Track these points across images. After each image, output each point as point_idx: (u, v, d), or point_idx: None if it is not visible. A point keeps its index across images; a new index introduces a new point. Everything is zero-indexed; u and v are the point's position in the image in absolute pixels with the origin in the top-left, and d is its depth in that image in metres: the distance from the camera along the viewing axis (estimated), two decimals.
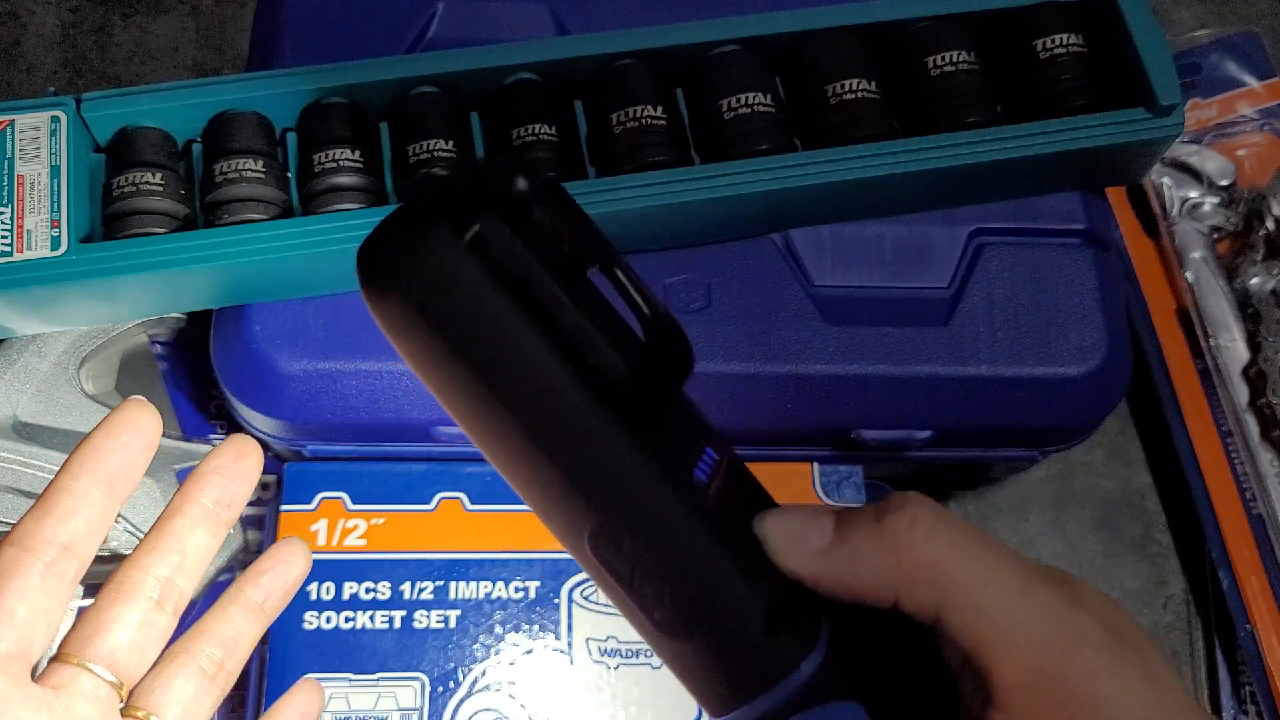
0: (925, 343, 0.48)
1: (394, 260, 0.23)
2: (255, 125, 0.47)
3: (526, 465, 0.24)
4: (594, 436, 0.23)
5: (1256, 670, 0.54)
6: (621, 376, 0.23)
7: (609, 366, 0.23)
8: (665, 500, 0.23)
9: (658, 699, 0.48)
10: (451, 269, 0.22)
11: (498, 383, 0.23)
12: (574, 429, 0.23)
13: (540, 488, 0.24)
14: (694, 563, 0.24)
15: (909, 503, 0.25)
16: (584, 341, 0.22)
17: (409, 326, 0.23)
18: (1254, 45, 0.64)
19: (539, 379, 0.23)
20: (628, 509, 0.23)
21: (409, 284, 0.23)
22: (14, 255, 0.44)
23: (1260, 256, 0.59)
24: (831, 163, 0.46)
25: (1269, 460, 0.56)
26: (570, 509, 0.24)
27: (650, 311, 0.23)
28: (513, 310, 0.22)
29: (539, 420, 0.23)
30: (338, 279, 0.47)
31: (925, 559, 0.24)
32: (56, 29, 0.65)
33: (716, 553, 0.24)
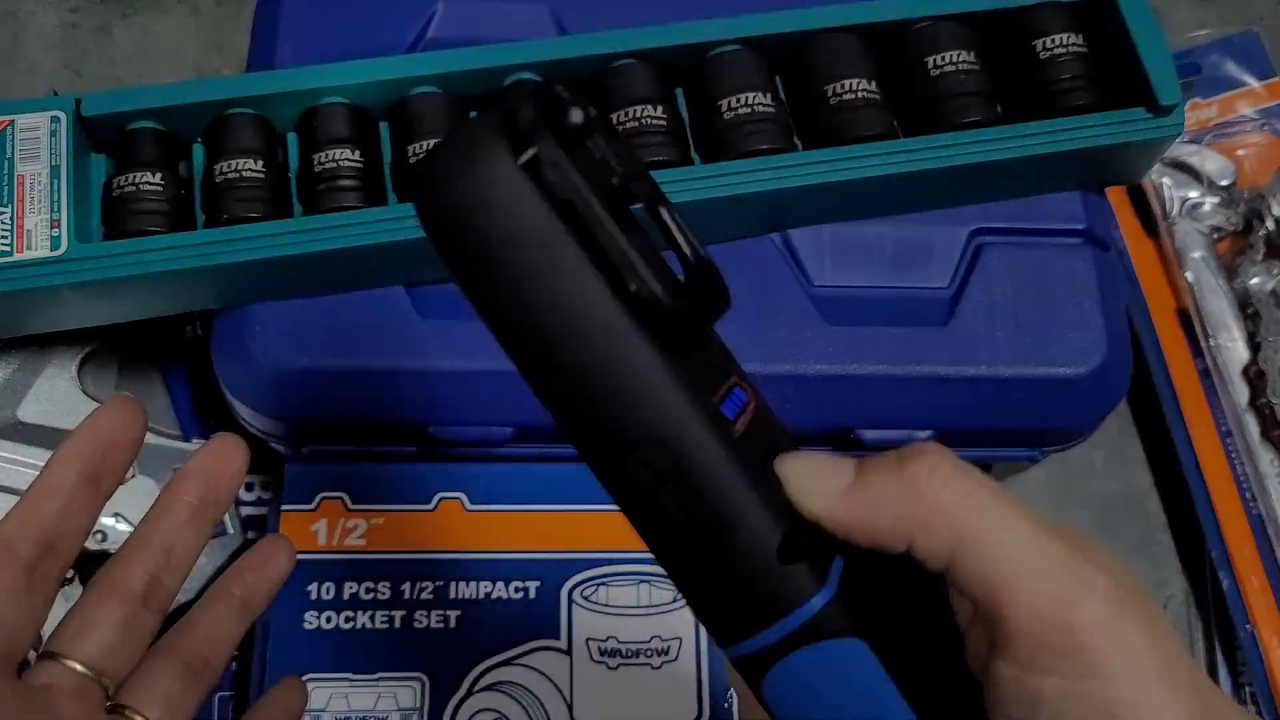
0: (925, 343, 0.48)
1: (450, 172, 0.24)
2: (255, 125, 0.47)
3: (560, 380, 0.25)
4: (630, 356, 0.24)
5: (1256, 670, 0.54)
6: (659, 303, 0.24)
7: (648, 292, 0.24)
8: (694, 421, 0.25)
9: (658, 699, 0.48)
10: (506, 185, 0.24)
11: (538, 298, 0.24)
12: (611, 348, 0.24)
13: (572, 404, 0.25)
14: (717, 483, 0.25)
15: (929, 451, 0.25)
16: (626, 266, 0.24)
17: (458, 238, 0.24)
18: (1254, 45, 0.64)
19: (579, 297, 0.24)
20: (658, 426, 0.24)
21: (463, 197, 0.24)
22: (14, 255, 0.44)
23: (1260, 256, 0.59)
24: (831, 163, 0.46)
25: (1269, 460, 0.56)
26: (600, 425, 0.25)
27: (691, 251, 0.25)
28: (561, 230, 0.24)
29: (576, 338, 0.24)
30: (338, 279, 0.47)
31: (943, 502, 0.25)
32: (56, 29, 0.65)
33: (739, 477, 0.25)
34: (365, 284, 0.47)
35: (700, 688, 0.48)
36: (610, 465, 0.25)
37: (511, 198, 0.24)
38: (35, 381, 0.51)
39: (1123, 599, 0.24)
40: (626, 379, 0.24)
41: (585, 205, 0.24)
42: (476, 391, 0.47)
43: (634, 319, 0.24)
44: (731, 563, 0.25)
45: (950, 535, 0.25)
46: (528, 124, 0.24)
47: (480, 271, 0.24)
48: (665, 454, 0.25)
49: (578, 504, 0.50)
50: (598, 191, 0.24)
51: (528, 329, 0.25)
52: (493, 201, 0.24)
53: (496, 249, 0.24)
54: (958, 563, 0.25)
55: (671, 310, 0.24)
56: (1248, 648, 0.55)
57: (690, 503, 0.25)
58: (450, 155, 0.24)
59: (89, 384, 0.52)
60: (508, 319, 0.25)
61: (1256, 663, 0.54)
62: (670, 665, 0.48)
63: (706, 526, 0.25)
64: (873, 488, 0.25)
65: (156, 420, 0.54)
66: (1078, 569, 0.24)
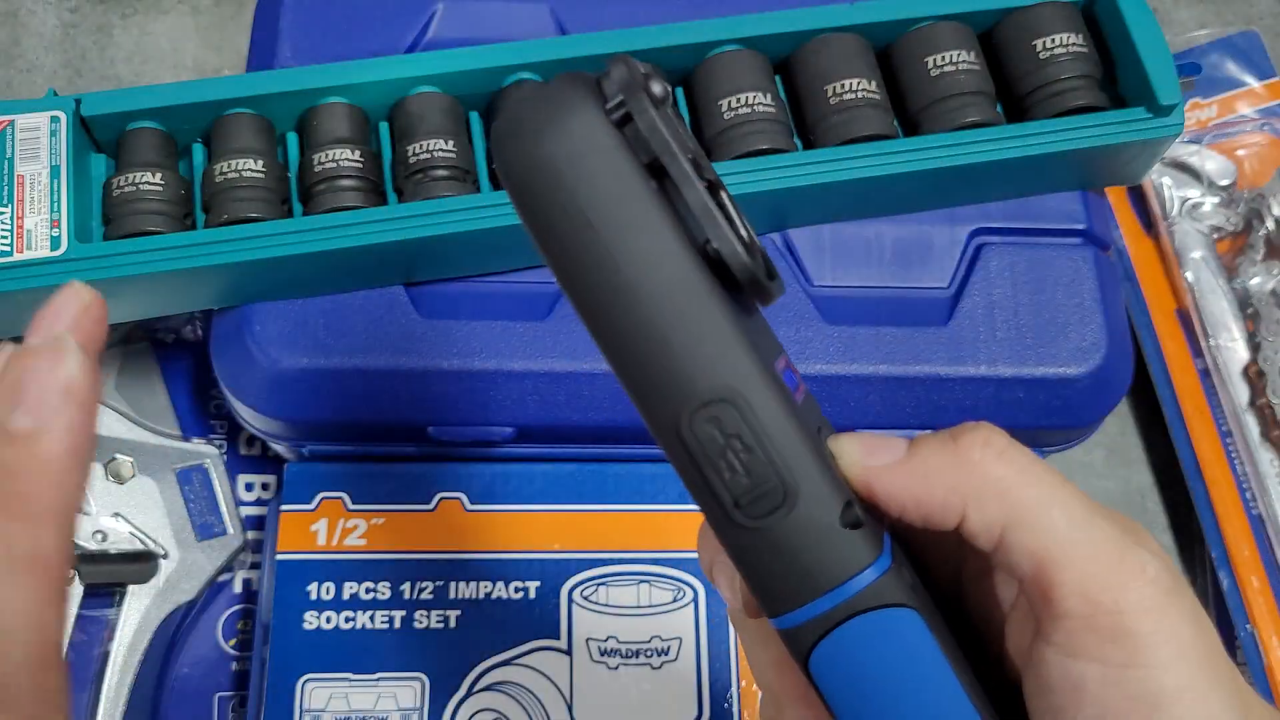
0: (925, 343, 0.48)
1: (541, 125, 0.24)
2: (255, 125, 0.47)
3: (634, 335, 0.25)
4: (708, 312, 0.25)
5: (1256, 670, 0.54)
6: (739, 262, 0.24)
7: (729, 250, 0.24)
8: (765, 381, 0.25)
9: (658, 699, 0.48)
10: (597, 139, 0.24)
11: (620, 252, 0.24)
12: (690, 303, 0.25)
13: (643, 358, 0.25)
14: (784, 444, 0.25)
15: (982, 427, 0.26)
16: (711, 223, 0.24)
17: (544, 191, 0.25)
18: (1254, 45, 0.64)
19: (661, 251, 0.24)
20: (731, 382, 0.25)
21: (552, 148, 0.24)
22: (14, 255, 0.44)
23: (1260, 256, 0.59)
24: (831, 163, 0.46)
25: (1269, 460, 0.56)
26: (673, 382, 0.25)
27: (749, 236, 0.25)
28: (648, 185, 0.24)
29: (656, 291, 0.24)
30: (338, 279, 0.47)
31: (996, 476, 0.25)
32: (56, 29, 0.65)
33: (803, 441, 0.25)
34: (365, 284, 0.47)
35: (700, 688, 0.48)
36: (675, 421, 0.25)
37: (601, 150, 0.24)
38: None
39: (1170, 586, 0.24)
40: (701, 334, 0.25)
41: (673, 162, 0.24)
42: (476, 391, 0.47)
43: (711, 276, 0.25)
44: (793, 526, 0.25)
45: (1002, 510, 0.24)
46: (619, 82, 0.24)
47: (562, 223, 0.25)
48: (735, 412, 0.25)
49: (578, 504, 0.50)
50: (682, 152, 0.24)
51: (607, 283, 0.25)
52: (582, 154, 0.24)
53: (582, 201, 0.24)
54: (1008, 538, 0.24)
55: (748, 269, 0.25)
56: (1248, 648, 0.55)
57: (755, 463, 0.25)
58: (540, 109, 0.25)
59: None
60: (585, 270, 0.25)
61: (1256, 663, 0.54)
62: (670, 665, 0.48)
63: (770, 488, 0.25)
64: (926, 461, 0.25)
65: (156, 420, 0.54)
66: (1129, 551, 0.24)
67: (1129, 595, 0.24)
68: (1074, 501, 0.25)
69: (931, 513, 0.25)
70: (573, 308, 0.25)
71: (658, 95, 0.25)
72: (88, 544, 0.50)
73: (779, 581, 0.26)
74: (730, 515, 0.25)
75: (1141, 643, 0.23)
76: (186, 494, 0.52)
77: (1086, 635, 0.24)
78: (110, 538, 0.50)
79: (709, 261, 0.25)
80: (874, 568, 0.25)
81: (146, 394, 0.54)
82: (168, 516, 0.51)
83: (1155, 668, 0.23)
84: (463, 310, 0.48)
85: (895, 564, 0.25)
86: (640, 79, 0.24)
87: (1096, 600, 0.24)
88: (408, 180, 0.46)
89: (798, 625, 0.26)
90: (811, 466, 0.25)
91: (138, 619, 0.50)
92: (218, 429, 0.56)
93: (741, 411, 0.25)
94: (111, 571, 0.50)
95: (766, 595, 0.26)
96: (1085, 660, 0.24)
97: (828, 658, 0.26)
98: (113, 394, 0.53)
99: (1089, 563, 0.24)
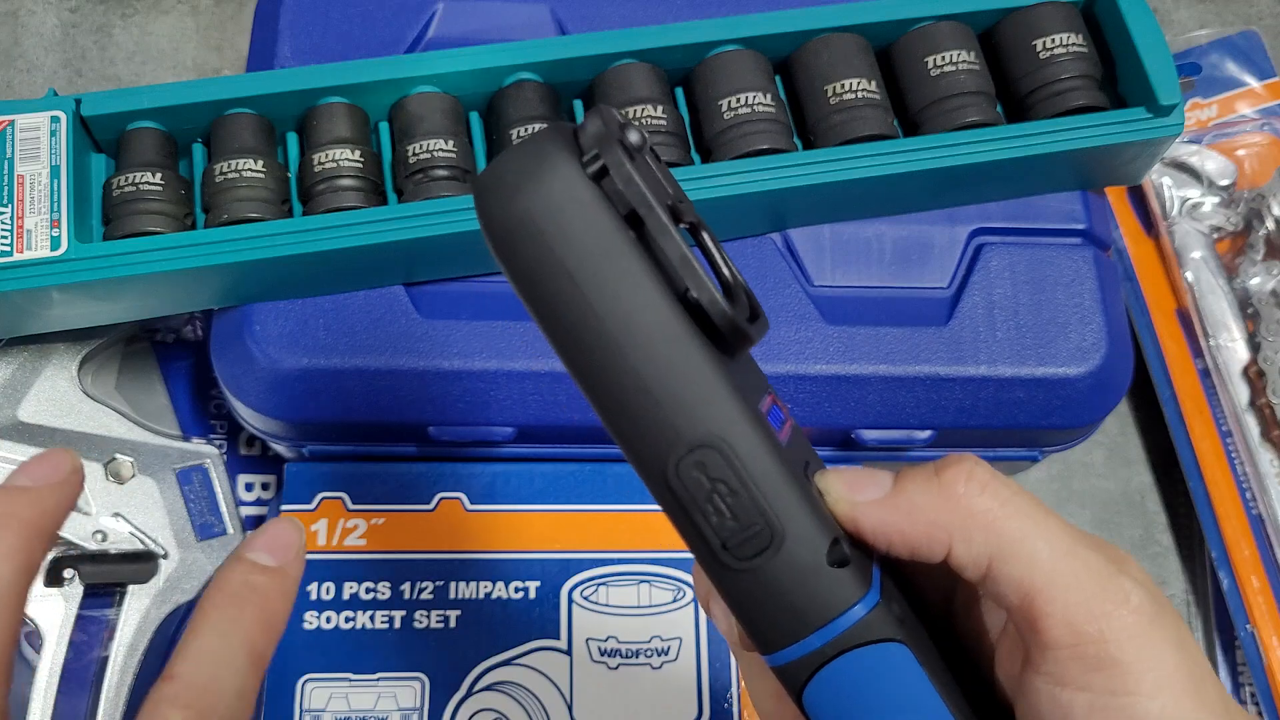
0: (925, 343, 0.48)
1: (519, 180, 0.25)
2: (255, 125, 0.47)
3: (617, 383, 0.25)
4: (689, 359, 0.25)
5: (1256, 670, 0.54)
6: (717, 309, 0.25)
7: (707, 298, 0.25)
8: (748, 425, 0.25)
9: (658, 699, 0.48)
10: (574, 193, 0.25)
11: (601, 302, 0.25)
12: (670, 351, 0.25)
13: (627, 405, 0.26)
14: (769, 487, 0.25)
15: (966, 459, 0.26)
16: (689, 272, 0.25)
17: (523, 245, 0.25)
18: (1254, 45, 0.64)
19: (640, 301, 0.25)
20: (714, 427, 0.25)
21: (530, 203, 0.25)
22: (14, 255, 0.44)
23: (1260, 256, 0.59)
24: (831, 163, 0.46)
25: (1269, 460, 0.56)
26: (659, 430, 0.25)
27: (729, 274, 0.26)
28: (625, 237, 0.25)
29: (637, 340, 0.25)
30: (338, 279, 0.47)
31: (980, 509, 0.25)
32: (56, 29, 0.65)
33: (789, 483, 0.25)
34: (365, 284, 0.47)
35: (700, 688, 0.48)
36: (662, 468, 0.26)
37: (578, 204, 0.25)
38: (35, 381, 0.51)
39: (1155, 613, 0.24)
40: (684, 382, 0.25)
41: (650, 214, 0.25)
42: (476, 391, 0.47)
43: (692, 324, 0.25)
44: (781, 567, 0.26)
45: (988, 542, 0.25)
46: (595, 136, 0.25)
47: (544, 276, 0.25)
48: (719, 457, 0.25)
49: (578, 504, 0.50)
50: (659, 203, 0.25)
51: (588, 334, 0.25)
52: (560, 208, 0.25)
53: (562, 254, 0.25)
54: (995, 570, 0.25)
55: (727, 317, 0.25)
56: (1248, 648, 0.55)
57: (741, 506, 0.25)
58: (519, 164, 0.25)
59: (89, 384, 0.52)
60: (568, 323, 0.25)
61: (1256, 663, 0.54)
62: (670, 665, 0.48)
63: (757, 531, 0.25)
64: (911, 495, 0.26)
65: (156, 420, 0.54)
66: (1112, 580, 0.24)
67: (1113, 624, 0.24)
68: (1058, 532, 0.25)
69: (918, 547, 0.26)
70: (558, 358, 0.26)
71: (634, 144, 0.25)
72: (88, 544, 0.50)
73: (769, 620, 0.26)
74: (719, 557, 0.26)
75: (1126, 671, 0.24)
76: (186, 494, 0.52)
77: (1073, 664, 0.24)
78: (110, 538, 0.50)
79: (690, 309, 0.25)
80: (862, 604, 0.25)
81: (146, 394, 0.54)
82: (168, 516, 0.51)
83: (1140, 695, 0.24)
84: (463, 310, 0.48)
85: (884, 599, 0.26)
86: (615, 130, 0.25)
87: (1081, 630, 0.24)
88: (408, 180, 0.46)
89: (789, 662, 0.26)
90: (797, 507, 0.25)
91: (138, 619, 0.50)
92: (218, 429, 0.56)
93: (726, 456, 0.25)
94: (111, 571, 0.50)
95: (758, 634, 0.26)
96: (1073, 689, 0.24)
97: (820, 693, 0.26)
98: (113, 394, 0.53)
99: (1073, 593, 0.24)
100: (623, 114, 0.23)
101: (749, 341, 0.26)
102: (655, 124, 0.47)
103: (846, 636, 0.25)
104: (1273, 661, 0.54)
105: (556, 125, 0.25)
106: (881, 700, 0.26)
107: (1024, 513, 0.25)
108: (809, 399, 0.48)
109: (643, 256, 0.25)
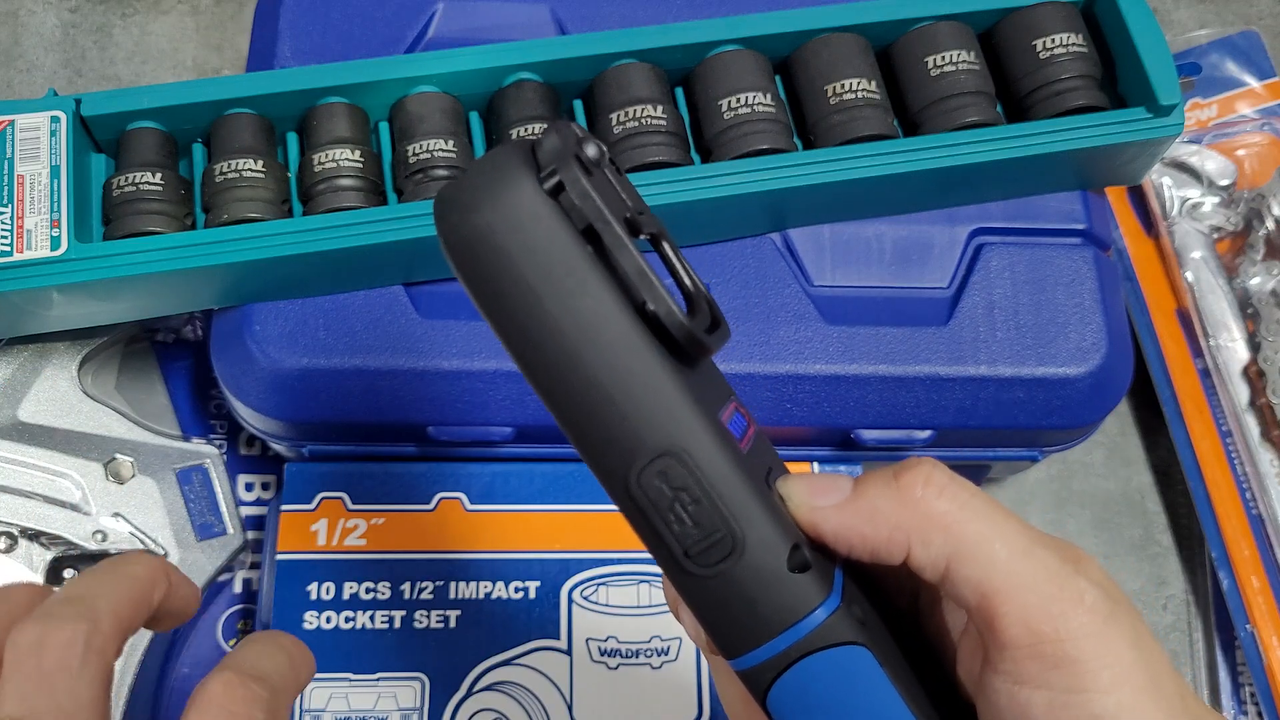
0: (925, 343, 0.48)
1: (477, 197, 0.25)
2: (255, 125, 0.47)
3: (578, 395, 0.26)
4: (648, 371, 0.25)
5: (1256, 670, 0.54)
6: (675, 321, 0.25)
7: (664, 310, 0.25)
8: (708, 434, 0.26)
9: (658, 699, 0.48)
10: (532, 209, 0.25)
11: (561, 316, 0.25)
12: (630, 363, 0.25)
13: (588, 417, 0.26)
14: (730, 494, 0.26)
15: (924, 463, 0.26)
16: (646, 285, 0.25)
17: (483, 261, 0.25)
18: (1254, 45, 0.64)
19: (600, 314, 0.25)
20: (674, 437, 0.25)
21: (489, 220, 0.25)
22: (14, 255, 0.44)
23: (1260, 256, 0.59)
24: (831, 163, 0.46)
25: (1269, 460, 0.56)
26: (620, 440, 0.26)
27: (691, 284, 0.26)
28: (583, 251, 0.25)
29: (597, 353, 0.25)
30: (338, 279, 0.47)
31: (938, 511, 0.25)
32: (56, 29, 0.65)
33: (749, 490, 0.26)
34: (365, 284, 0.47)
35: (700, 688, 0.48)
36: (624, 477, 0.26)
37: (536, 220, 0.25)
38: (35, 381, 0.51)
39: (1110, 611, 0.25)
40: (644, 393, 0.25)
41: (606, 228, 0.25)
42: (476, 391, 0.47)
43: (651, 336, 0.25)
44: (743, 573, 0.26)
45: (946, 544, 0.25)
46: (552, 152, 0.25)
47: (505, 292, 0.25)
48: (680, 466, 0.26)
49: (578, 504, 0.50)
50: (615, 217, 0.25)
51: (549, 347, 0.25)
52: (518, 224, 0.25)
53: (521, 269, 0.25)
54: (953, 571, 0.25)
55: (684, 329, 0.25)
56: (1248, 648, 0.55)
57: (703, 514, 0.26)
58: (476, 181, 0.25)
59: (89, 384, 0.52)
60: (529, 336, 0.26)
61: (1256, 663, 0.54)
62: (670, 665, 0.48)
63: (719, 538, 0.26)
64: (870, 499, 0.26)
65: (156, 420, 0.54)
66: (1068, 580, 0.25)
67: (1069, 624, 0.24)
68: (1015, 534, 0.25)
69: (878, 550, 0.26)
70: (520, 371, 0.26)
71: (591, 158, 0.25)
72: (88, 544, 0.50)
73: (733, 626, 0.26)
74: (682, 565, 0.26)
75: (1083, 669, 0.24)
76: (186, 494, 0.52)
77: (1031, 663, 0.24)
78: (110, 538, 0.50)
79: (648, 321, 0.25)
80: (823, 608, 0.26)
81: (146, 394, 0.54)
82: (168, 516, 0.51)
83: (1097, 692, 0.24)
84: (463, 310, 0.48)
85: (845, 602, 0.26)
86: (572, 145, 0.25)
87: (1038, 630, 0.24)
88: (408, 180, 0.46)
89: (753, 666, 0.26)
90: (758, 514, 0.26)
91: None
92: (218, 429, 0.56)
93: (686, 465, 0.26)
94: None
95: (722, 639, 0.27)
96: (1031, 687, 0.24)
97: (784, 696, 0.26)
98: (113, 394, 0.53)
99: (1030, 593, 0.25)
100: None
101: (708, 351, 0.26)
102: (655, 124, 0.47)
103: (808, 640, 0.26)
104: (1273, 661, 0.54)
105: (517, 141, 0.26)
106: (844, 702, 0.26)
107: (981, 515, 0.25)
108: (809, 399, 0.48)
109: (600, 270, 0.25)
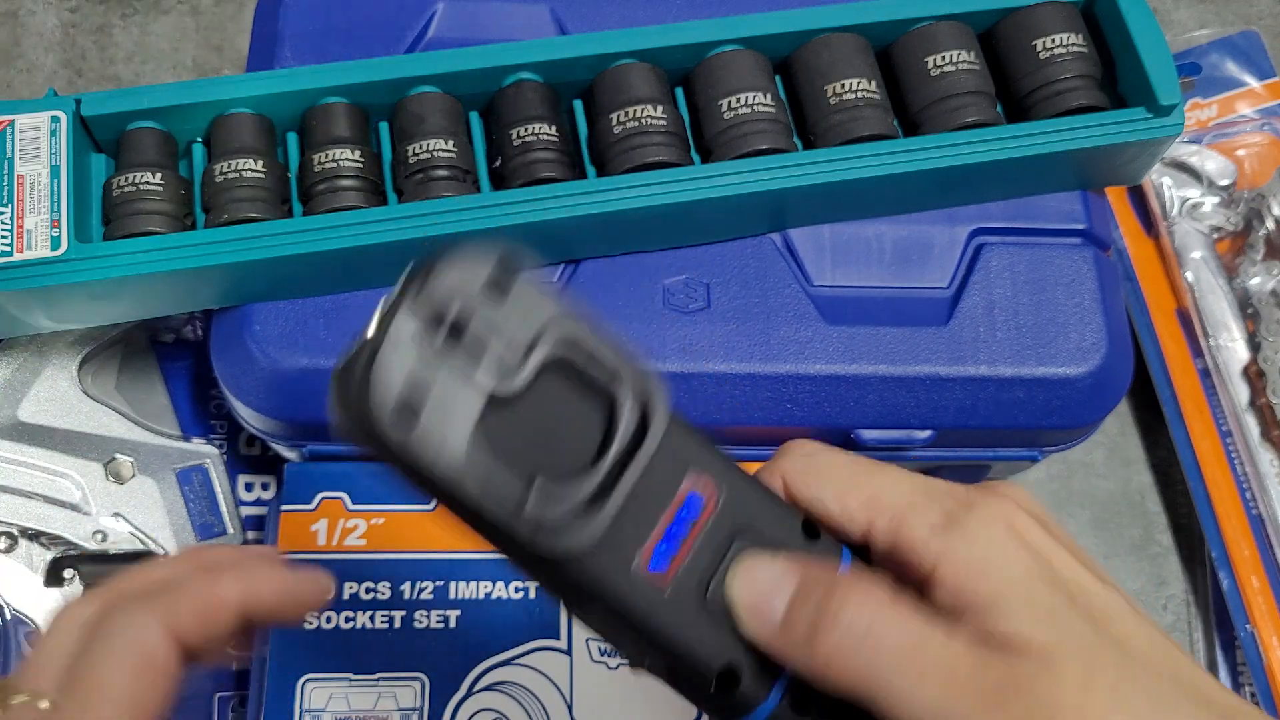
0: (925, 343, 0.48)
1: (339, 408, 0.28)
2: (255, 125, 0.47)
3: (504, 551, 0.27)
4: (543, 571, 0.27)
5: (1256, 670, 0.54)
6: (544, 539, 0.25)
7: (525, 537, 0.25)
8: (619, 593, 0.27)
9: (658, 699, 0.48)
10: None
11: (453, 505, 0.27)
12: (526, 567, 0.27)
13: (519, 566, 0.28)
14: (652, 634, 0.27)
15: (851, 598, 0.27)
16: (504, 522, 0.26)
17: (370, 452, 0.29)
18: (1254, 45, 0.64)
19: (483, 526, 0.26)
20: (595, 595, 0.27)
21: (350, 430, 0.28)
22: (14, 255, 0.44)
23: (1260, 256, 0.59)
24: (831, 163, 0.46)
25: (1269, 460, 0.56)
26: (551, 588, 0.28)
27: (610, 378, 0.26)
28: None
29: (501, 541, 0.27)
30: (338, 279, 0.47)
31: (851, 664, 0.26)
32: (56, 29, 0.65)
33: (671, 628, 0.27)
34: (365, 284, 0.47)
35: None
36: (572, 607, 0.29)
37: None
38: (35, 381, 0.51)
39: None
40: (546, 579, 0.27)
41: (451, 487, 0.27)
42: None
43: (528, 550, 0.26)
44: (682, 688, 0.28)
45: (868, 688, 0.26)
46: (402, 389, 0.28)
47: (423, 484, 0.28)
48: (605, 611, 0.27)
49: None
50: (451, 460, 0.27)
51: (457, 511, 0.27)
52: None
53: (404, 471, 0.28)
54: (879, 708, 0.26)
55: (562, 531, 0.25)
56: (1248, 648, 0.55)
57: (635, 645, 0.28)
58: (335, 394, 0.28)
59: (89, 384, 0.52)
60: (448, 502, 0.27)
61: (1256, 663, 0.54)
62: None
63: (654, 661, 0.28)
64: (798, 627, 0.27)
65: (156, 420, 0.54)
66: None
67: None
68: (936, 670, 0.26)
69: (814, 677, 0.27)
70: None
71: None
72: (88, 544, 0.50)
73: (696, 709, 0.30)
74: (633, 662, 0.29)
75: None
76: (186, 494, 0.52)
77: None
78: (110, 538, 0.50)
79: (517, 541, 0.26)
80: (760, 711, 0.27)
81: (146, 394, 0.54)
82: (168, 516, 0.51)
83: None
84: None
85: (790, 701, 0.27)
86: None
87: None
88: (408, 180, 0.46)
89: None
90: (682, 647, 0.27)
91: None
92: (218, 429, 0.56)
93: (609, 612, 0.27)
94: (112, 571, 0.50)
95: None
96: None
97: None
98: (113, 394, 0.53)
99: None
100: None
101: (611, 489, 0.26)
102: (655, 124, 0.47)
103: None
104: (1273, 661, 0.54)
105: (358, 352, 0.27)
106: None
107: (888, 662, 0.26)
108: (809, 399, 0.48)
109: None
